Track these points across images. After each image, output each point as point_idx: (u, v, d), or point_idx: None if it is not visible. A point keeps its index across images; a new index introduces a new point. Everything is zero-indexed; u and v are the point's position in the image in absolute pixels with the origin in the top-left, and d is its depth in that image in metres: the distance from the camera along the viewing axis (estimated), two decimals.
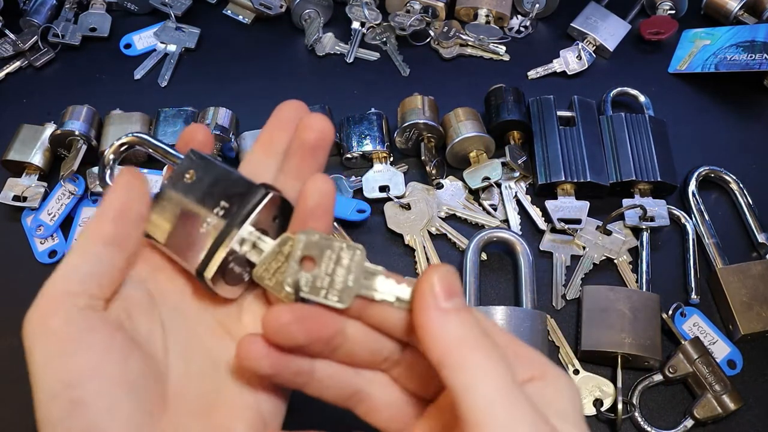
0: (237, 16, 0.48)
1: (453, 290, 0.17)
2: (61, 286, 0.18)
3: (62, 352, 0.17)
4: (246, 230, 0.20)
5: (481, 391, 0.15)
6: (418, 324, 0.17)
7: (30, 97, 0.45)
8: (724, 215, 0.39)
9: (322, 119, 0.21)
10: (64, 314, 0.18)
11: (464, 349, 0.16)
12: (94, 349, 0.17)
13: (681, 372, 0.33)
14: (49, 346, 0.17)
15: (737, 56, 0.42)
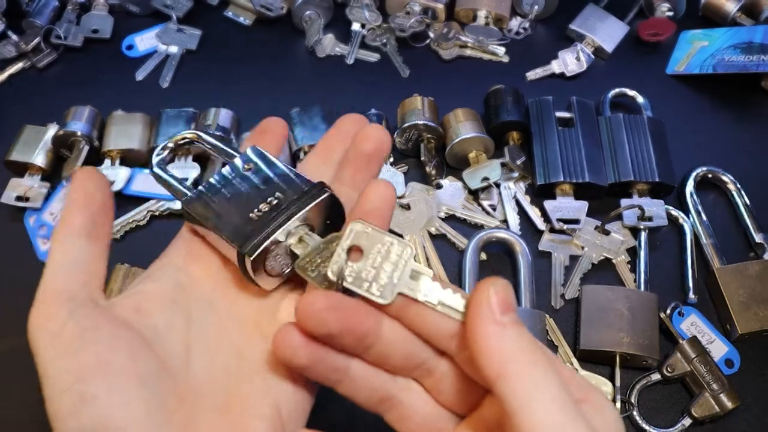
0: (238, 18, 0.49)
1: (509, 304, 0.17)
2: (53, 285, 0.18)
3: (67, 350, 0.17)
4: (295, 222, 0.20)
5: (539, 407, 0.15)
6: (473, 336, 0.17)
7: (32, 98, 0.45)
8: (722, 215, 0.40)
9: (379, 130, 0.22)
10: (64, 313, 0.18)
11: (522, 364, 0.16)
12: (99, 345, 0.17)
13: (679, 371, 0.33)
14: (54, 346, 0.17)
15: (735, 58, 0.43)
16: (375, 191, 0.20)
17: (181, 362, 0.19)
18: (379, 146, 0.22)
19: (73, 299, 0.18)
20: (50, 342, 0.18)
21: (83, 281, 0.19)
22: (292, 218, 0.20)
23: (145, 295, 0.20)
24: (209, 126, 0.39)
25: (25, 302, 0.38)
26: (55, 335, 0.18)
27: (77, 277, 0.19)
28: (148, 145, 0.41)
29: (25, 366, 0.35)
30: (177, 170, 0.40)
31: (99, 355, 0.17)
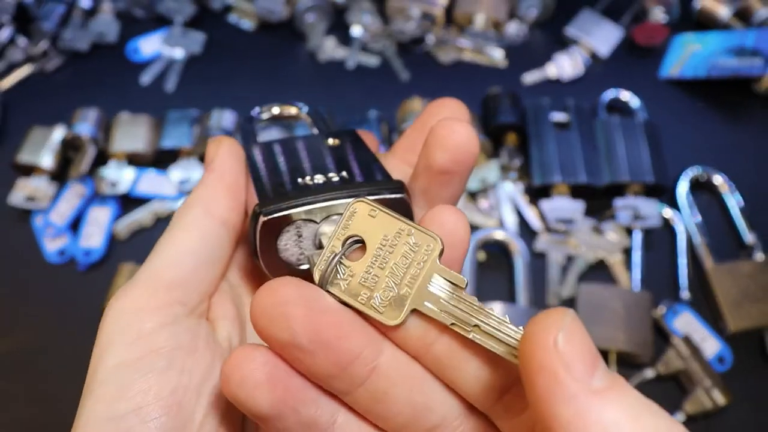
0: (241, 23, 0.50)
1: (595, 360, 0.11)
2: (169, 272, 0.14)
3: (141, 366, 0.13)
4: (340, 207, 0.14)
5: None
6: (556, 413, 0.10)
7: (40, 100, 0.46)
8: (715, 216, 0.40)
9: (460, 133, 0.14)
10: (166, 316, 0.14)
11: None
12: (185, 374, 0.13)
13: (672, 368, 0.34)
14: (130, 352, 0.13)
15: (727, 61, 0.44)
16: (437, 220, 0.13)
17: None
18: (457, 158, 0.14)
19: (185, 303, 0.14)
20: (128, 345, 0.14)
21: (203, 284, 0.14)
22: (338, 199, 0.14)
23: (217, 309, 0.15)
24: (213, 127, 0.40)
25: (32, 301, 0.39)
26: (138, 338, 0.14)
27: (198, 275, 0.14)
28: (153, 147, 0.42)
29: (26, 366, 0.36)
30: (181, 170, 0.41)
31: (174, 392, 0.13)
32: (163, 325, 0.14)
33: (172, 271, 0.14)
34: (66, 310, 0.37)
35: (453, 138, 0.14)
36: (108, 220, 0.39)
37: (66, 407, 0.24)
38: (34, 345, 0.36)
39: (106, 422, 0.13)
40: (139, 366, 0.13)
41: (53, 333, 0.37)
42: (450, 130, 0.15)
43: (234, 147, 0.16)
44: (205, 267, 0.15)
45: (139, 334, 0.14)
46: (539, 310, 0.37)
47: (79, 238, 0.39)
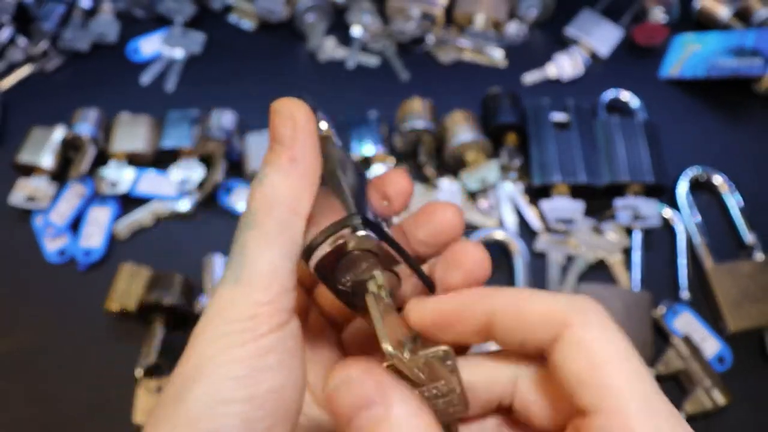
0: (241, 23, 0.50)
1: (363, 401, 0.13)
2: (274, 282, 0.14)
3: (254, 364, 0.14)
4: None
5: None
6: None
7: (40, 100, 0.46)
8: (715, 216, 0.40)
9: (478, 253, 0.16)
10: (273, 319, 0.14)
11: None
12: (277, 394, 0.14)
13: (672, 368, 0.34)
14: (243, 350, 0.14)
15: (727, 61, 0.44)
16: (470, 261, 0.16)
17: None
18: (472, 281, 0.16)
19: (288, 309, 0.14)
20: (243, 342, 0.14)
21: (293, 288, 0.14)
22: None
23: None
24: (213, 128, 0.40)
25: (33, 302, 0.39)
26: (253, 338, 0.14)
27: (293, 281, 0.14)
28: (153, 147, 0.42)
29: (26, 366, 0.36)
30: (181, 170, 0.41)
31: (282, 389, 0.14)
32: (273, 330, 0.14)
33: (276, 280, 0.14)
34: (66, 310, 0.37)
35: (473, 257, 0.17)
36: (108, 220, 0.39)
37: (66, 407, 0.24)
38: (34, 345, 0.36)
39: (219, 405, 0.13)
40: (254, 363, 0.14)
41: (53, 333, 0.37)
42: (472, 252, 0.17)
43: (313, 131, 0.16)
44: (293, 270, 0.15)
45: (253, 336, 0.14)
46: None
47: (79, 238, 0.39)
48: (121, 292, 0.36)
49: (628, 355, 0.14)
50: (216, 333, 0.14)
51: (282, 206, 0.15)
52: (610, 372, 0.13)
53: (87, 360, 0.36)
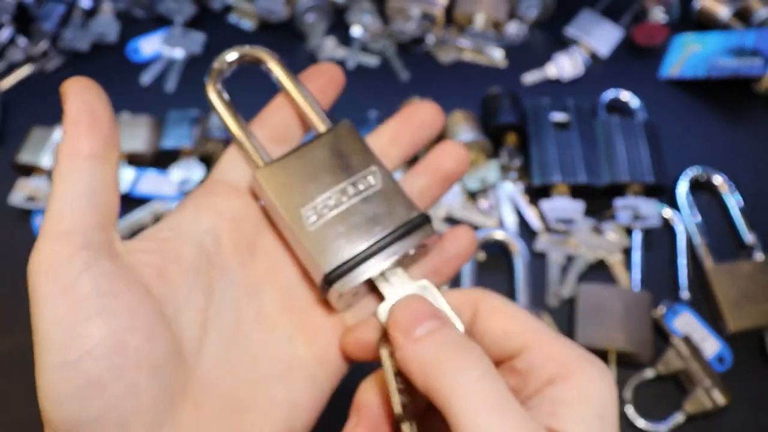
0: (241, 23, 0.50)
1: (420, 317, 0.16)
2: (62, 225, 0.15)
3: (76, 314, 0.14)
4: (393, 259, 0.17)
5: (463, 412, 0.14)
6: (402, 367, 0.16)
7: (40, 101, 0.46)
8: (715, 216, 0.40)
9: (461, 149, 0.20)
10: (78, 264, 0.14)
11: (440, 373, 0.14)
12: (117, 316, 0.14)
13: (672, 368, 0.34)
14: (61, 303, 0.14)
15: (727, 62, 0.44)
16: (457, 238, 0.19)
17: (194, 350, 0.16)
18: (459, 167, 0.20)
19: (89, 245, 0.15)
20: (57, 298, 0.14)
21: (98, 220, 0.15)
22: (390, 257, 0.17)
23: (167, 255, 0.16)
24: (213, 128, 0.40)
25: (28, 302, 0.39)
26: (63, 290, 0.14)
27: (92, 215, 0.15)
28: (153, 147, 0.42)
29: (26, 366, 0.36)
30: (181, 170, 0.41)
31: (115, 332, 0.14)
32: (79, 273, 0.15)
33: (64, 221, 0.15)
34: None
35: (456, 152, 0.20)
36: None
37: None
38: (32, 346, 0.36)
39: (63, 367, 0.14)
40: (75, 315, 0.14)
41: None
42: (453, 147, 0.20)
43: (79, 81, 0.17)
44: (94, 208, 0.15)
45: (63, 286, 0.15)
46: (539, 311, 0.37)
47: None
48: None
49: (521, 312, 0.17)
50: (36, 295, 0.15)
51: (61, 156, 0.16)
52: (519, 323, 0.17)
53: None
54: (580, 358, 0.16)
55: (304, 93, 0.21)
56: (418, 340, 0.15)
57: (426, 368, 0.15)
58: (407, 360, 0.15)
